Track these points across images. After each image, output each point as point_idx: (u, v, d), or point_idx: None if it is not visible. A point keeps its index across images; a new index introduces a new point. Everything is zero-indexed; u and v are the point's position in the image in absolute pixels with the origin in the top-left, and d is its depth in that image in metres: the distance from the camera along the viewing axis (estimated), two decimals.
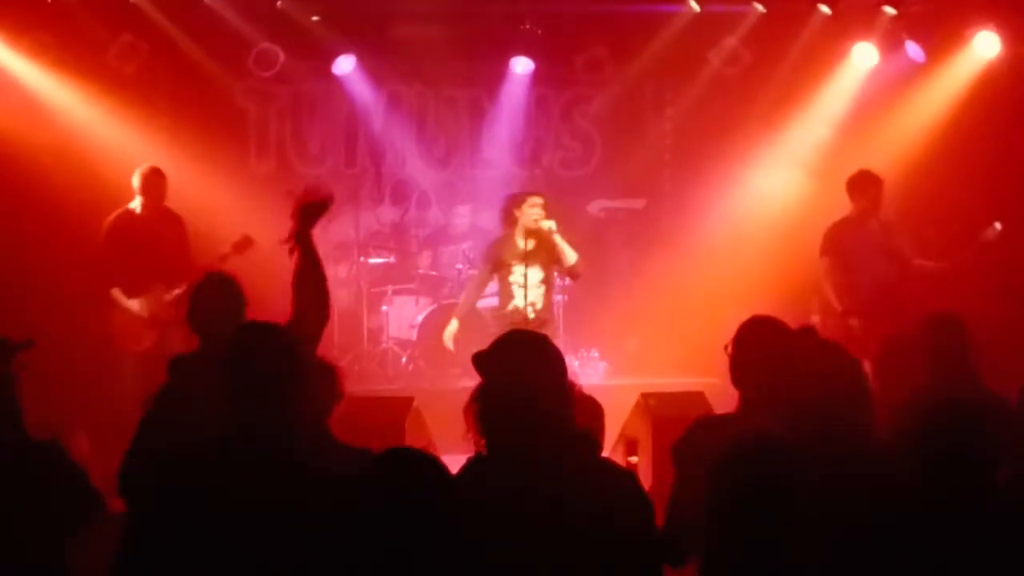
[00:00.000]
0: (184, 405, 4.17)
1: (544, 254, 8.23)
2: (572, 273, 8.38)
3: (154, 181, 8.54)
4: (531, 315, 8.15)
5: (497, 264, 8.36)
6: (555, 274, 8.50)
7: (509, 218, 8.37)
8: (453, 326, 8.56)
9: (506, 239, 8.38)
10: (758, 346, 3.97)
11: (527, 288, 8.18)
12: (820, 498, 2.96)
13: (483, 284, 8.73)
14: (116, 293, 8.50)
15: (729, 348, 4.05)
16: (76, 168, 9.34)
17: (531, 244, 8.20)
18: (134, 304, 8.49)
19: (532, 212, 8.16)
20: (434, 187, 11.51)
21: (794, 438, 3.24)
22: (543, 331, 7.49)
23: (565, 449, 3.18)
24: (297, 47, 10.16)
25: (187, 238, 8.68)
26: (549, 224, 8.11)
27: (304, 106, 11.25)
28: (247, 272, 5.23)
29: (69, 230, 9.03)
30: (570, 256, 8.19)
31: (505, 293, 8.35)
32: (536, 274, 8.22)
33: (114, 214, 8.56)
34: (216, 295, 4.78)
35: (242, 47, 9.96)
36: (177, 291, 8.34)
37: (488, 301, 9.13)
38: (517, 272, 8.23)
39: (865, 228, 8.77)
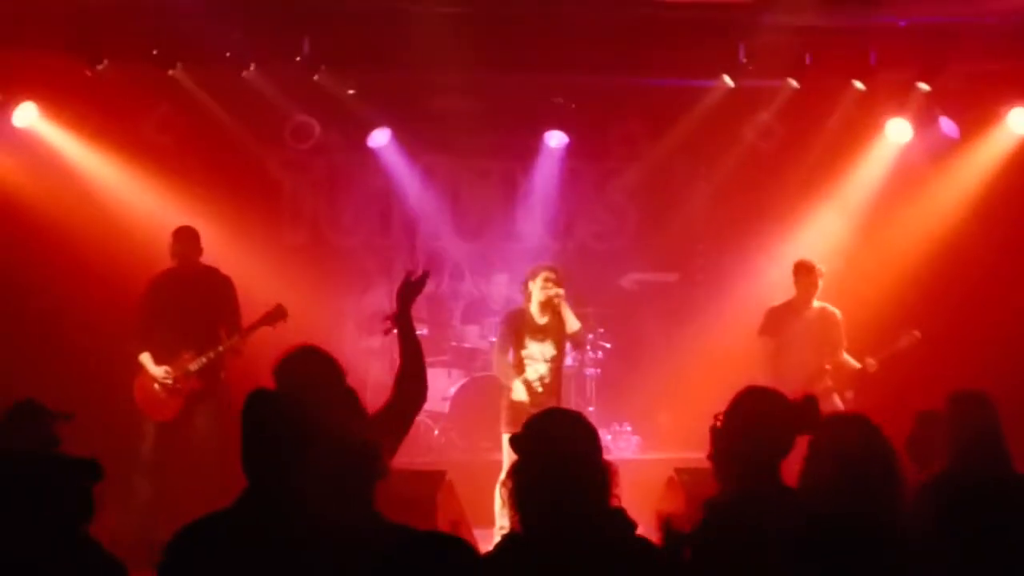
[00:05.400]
0: None
1: (557, 329, 8.18)
2: (574, 341, 8.35)
3: (185, 239, 8.42)
4: (539, 388, 8.07)
5: (515, 337, 8.25)
6: (567, 347, 8.44)
7: (525, 291, 8.33)
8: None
9: (522, 313, 8.31)
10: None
11: (539, 362, 8.13)
12: None
13: (506, 351, 8.60)
14: (145, 359, 8.26)
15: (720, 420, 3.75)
16: (112, 237, 9.44)
17: (546, 319, 8.17)
18: (160, 371, 8.23)
19: (544, 286, 8.12)
20: (467, 259, 11.53)
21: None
22: (550, 403, 7.55)
23: (600, 527, 3.13)
24: (333, 120, 10.24)
25: (232, 299, 8.47)
26: (557, 290, 8.09)
27: (339, 178, 11.30)
28: (279, 341, 5.23)
29: (104, 296, 9.07)
30: (572, 324, 8.15)
31: (518, 365, 8.22)
32: (549, 350, 8.17)
33: (156, 272, 8.48)
34: (307, 369, 4.64)
35: (278, 119, 10.06)
36: (204, 360, 8.26)
37: None
38: (531, 347, 8.16)
39: (802, 315, 8.77)
